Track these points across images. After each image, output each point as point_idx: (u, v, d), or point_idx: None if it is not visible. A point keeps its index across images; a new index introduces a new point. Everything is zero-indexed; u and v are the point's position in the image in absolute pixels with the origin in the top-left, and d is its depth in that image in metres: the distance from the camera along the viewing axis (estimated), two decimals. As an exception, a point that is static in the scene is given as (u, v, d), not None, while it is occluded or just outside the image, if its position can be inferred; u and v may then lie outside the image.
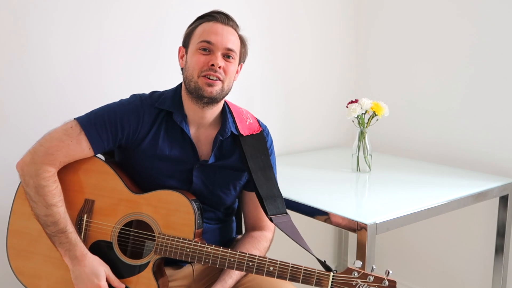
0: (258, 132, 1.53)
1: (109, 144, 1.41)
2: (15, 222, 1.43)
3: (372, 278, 1.22)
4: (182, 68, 1.46)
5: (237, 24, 1.46)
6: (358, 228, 1.55)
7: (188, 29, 1.46)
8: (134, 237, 1.39)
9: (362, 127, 2.07)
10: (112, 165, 1.42)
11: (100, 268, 1.34)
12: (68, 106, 1.84)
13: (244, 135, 1.49)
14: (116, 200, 1.39)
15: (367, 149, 2.08)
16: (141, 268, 1.35)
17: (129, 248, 1.40)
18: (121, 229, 1.38)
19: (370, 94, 2.45)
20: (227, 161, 1.49)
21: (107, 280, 1.35)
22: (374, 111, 2.03)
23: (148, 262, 1.35)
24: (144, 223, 1.38)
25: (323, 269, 1.28)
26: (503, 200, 2.02)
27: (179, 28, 1.55)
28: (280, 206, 1.46)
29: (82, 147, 1.38)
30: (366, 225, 1.53)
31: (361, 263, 1.26)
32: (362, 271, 1.24)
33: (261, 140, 1.52)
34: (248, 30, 1.48)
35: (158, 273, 1.37)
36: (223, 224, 1.57)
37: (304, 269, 1.26)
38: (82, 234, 1.39)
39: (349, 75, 2.71)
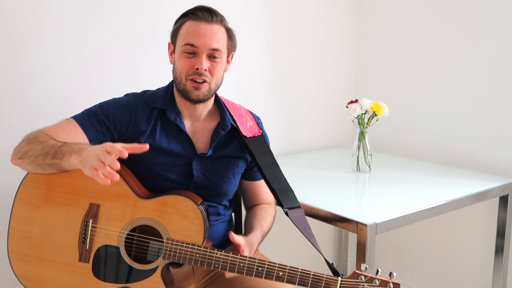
0: (259, 134, 1.56)
1: (105, 137, 1.43)
2: (16, 226, 1.40)
3: (378, 282, 1.24)
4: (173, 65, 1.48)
5: (222, 18, 1.43)
6: (358, 228, 1.55)
7: (174, 26, 1.46)
8: (142, 242, 1.38)
9: (362, 127, 2.07)
10: None
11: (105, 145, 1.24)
12: (66, 105, 1.84)
13: (247, 137, 1.52)
14: (122, 205, 1.36)
15: (367, 149, 2.08)
16: (150, 273, 1.34)
17: (133, 253, 1.38)
18: (128, 234, 1.36)
19: (370, 94, 2.45)
20: (225, 151, 1.52)
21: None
22: (374, 111, 2.03)
23: (157, 267, 1.34)
24: (148, 227, 1.36)
25: (330, 273, 1.30)
26: (503, 200, 2.02)
27: (171, 26, 1.54)
28: (293, 199, 1.49)
29: (78, 140, 1.40)
30: (366, 225, 1.53)
31: (367, 266, 1.27)
32: (369, 275, 1.25)
33: (263, 141, 1.56)
34: (249, 29, 1.47)
35: (166, 278, 1.36)
36: (222, 220, 1.58)
37: (313, 274, 1.27)
38: (88, 239, 1.36)
39: (349, 75, 2.71)
